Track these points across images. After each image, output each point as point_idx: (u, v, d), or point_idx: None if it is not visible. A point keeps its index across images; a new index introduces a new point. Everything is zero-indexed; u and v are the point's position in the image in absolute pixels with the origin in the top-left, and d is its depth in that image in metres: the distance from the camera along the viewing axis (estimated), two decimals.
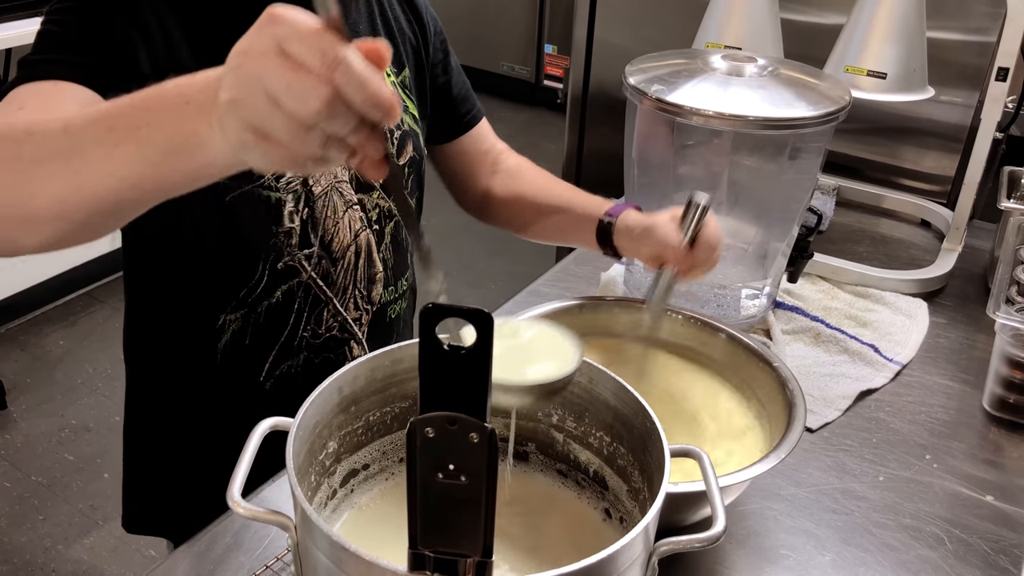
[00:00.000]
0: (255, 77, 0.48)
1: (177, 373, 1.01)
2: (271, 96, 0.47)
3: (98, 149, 0.58)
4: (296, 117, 0.47)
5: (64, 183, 0.60)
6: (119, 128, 0.57)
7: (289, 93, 0.47)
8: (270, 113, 0.48)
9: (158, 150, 0.56)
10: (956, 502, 0.95)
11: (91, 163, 0.58)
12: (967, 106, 1.58)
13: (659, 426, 0.66)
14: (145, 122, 0.56)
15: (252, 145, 0.50)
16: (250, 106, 0.48)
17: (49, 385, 2.67)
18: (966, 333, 1.26)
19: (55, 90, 0.74)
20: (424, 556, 0.51)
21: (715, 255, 0.92)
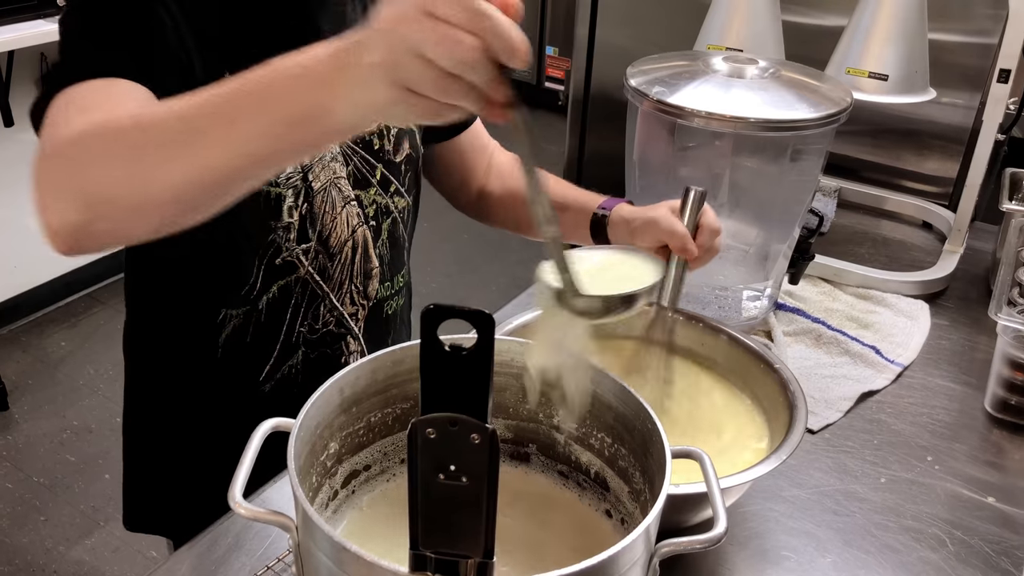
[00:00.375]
0: (407, 36, 0.52)
1: (178, 372, 1.01)
2: (423, 52, 0.52)
3: (219, 129, 0.61)
4: (446, 68, 0.52)
5: (181, 166, 0.62)
6: (241, 107, 0.60)
7: (441, 47, 0.51)
8: (422, 69, 0.52)
9: (282, 122, 0.59)
10: (958, 504, 0.95)
11: (211, 144, 0.61)
12: (969, 108, 1.58)
13: (660, 427, 0.66)
14: (269, 96, 0.59)
15: (401, 100, 0.54)
16: (403, 64, 0.52)
17: (51, 386, 2.68)
18: (968, 335, 1.26)
19: (111, 87, 0.74)
20: (425, 557, 0.51)
21: (718, 241, 0.93)
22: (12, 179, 2.83)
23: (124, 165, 0.65)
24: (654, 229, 0.92)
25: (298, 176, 0.92)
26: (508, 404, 0.79)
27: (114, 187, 0.65)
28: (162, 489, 1.08)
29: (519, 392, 0.78)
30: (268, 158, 0.62)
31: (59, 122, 0.72)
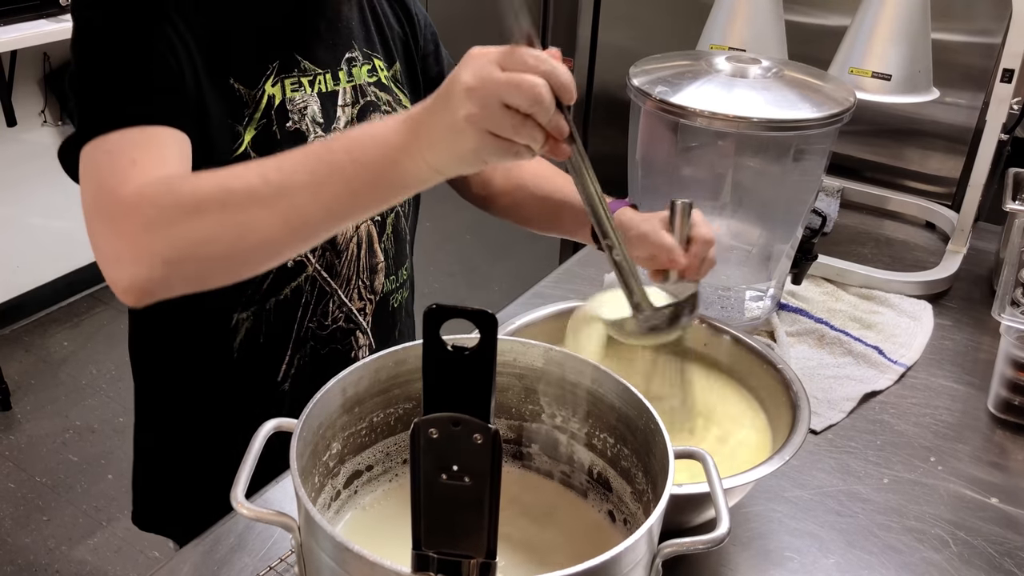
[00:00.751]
0: (491, 92, 0.63)
1: (190, 375, 1.01)
2: (505, 102, 0.62)
3: (303, 194, 0.69)
4: (522, 110, 0.63)
5: (272, 224, 0.70)
6: (322, 175, 0.69)
7: (519, 93, 0.62)
8: (504, 114, 0.63)
9: (364, 187, 0.69)
10: (961, 504, 0.95)
11: (298, 206, 0.70)
12: (972, 108, 1.58)
13: (663, 428, 0.66)
14: (349, 161, 0.69)
15: (486, 144, 0.64)
16: (489, 115, 0.63)
17: (54, 386, 2.68)
18: (971, 335, 1.26)
19: (149, 137, 0.77)
20: (428, 557, 0.51)
21: (712, 252, 0.93)
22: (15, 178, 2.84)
23: (212, 227, 0.70)
24: (644, 242, 0.93)
25: None
26: (510, 404, 0.79)
27: (203, 248, 0.71)
28: (172, 489, 1.08)
29: (521, 392, 0.78)
30: (350, 214, 0.71)
31: (112, 176, 0.74)
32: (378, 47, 1.02)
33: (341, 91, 0.96)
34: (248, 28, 0.88)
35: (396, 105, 1.02)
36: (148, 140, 0.77)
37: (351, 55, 0.97)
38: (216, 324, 0.95)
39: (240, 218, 0.70)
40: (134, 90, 0.79)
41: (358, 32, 1.00)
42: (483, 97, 0.63)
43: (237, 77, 0.87)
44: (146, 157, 0.76)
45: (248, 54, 0.88)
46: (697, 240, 0.91)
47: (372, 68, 1.00)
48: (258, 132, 0.88)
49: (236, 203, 0.70)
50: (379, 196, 0.70)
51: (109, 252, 0.73)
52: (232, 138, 0.86)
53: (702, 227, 0.92)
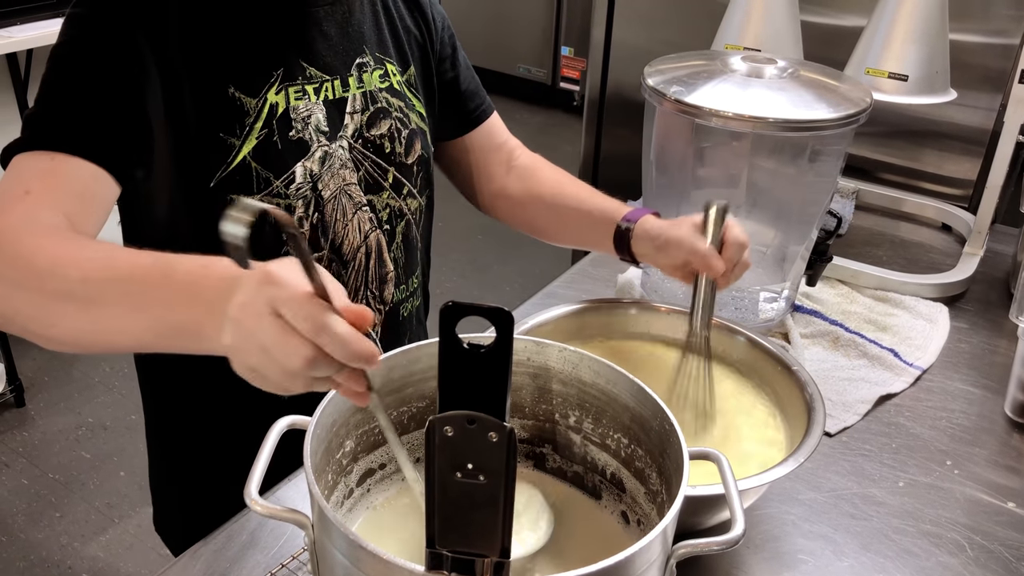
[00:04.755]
0: (251, 332, 0.56)
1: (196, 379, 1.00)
2: (266, 349, 0.56)
3: (114, 308, 0.66)
4: (285, 367, 0.56)
5: (80, 324, 0.67)
6: (133, 296, 0.65)
7: (278, 350, 0.55)
8: (264, 361, 0.56)
9: (168, 328, 0.64)
10: (977, 509, 0.94)
11: (105, 319, 0.66)
12: (990, 109, 1.57)
13: (678, 428, 0.65)
14: (158, 302, 0.63)
15: (250, 378, 0.58)
16: (247, 353, 0.57)
17: (67, 383, 2.69)
18: (988, 338, 1.25)
19: (57, 169, 0.76)
20: (441, 555, 0.51)
21: (746, 255, 0.91)
22: None
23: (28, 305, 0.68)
24: (677, 249, 0.91)
25: (307, 186, 0.91)
26: (524, 404, 0.79)
27: (20, 319, 0.69)
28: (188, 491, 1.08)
29: (535, 392, 0.78)
30: (152, 347, 0.66)
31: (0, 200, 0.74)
32: (391, 51, 1.01)
33: (350, 98, 0.94)
34: (249, 35, 0.87)
35: (408, 111, 1.01)
36: (54, 172, 0.76)
37: (362, 60, 0.96)
38: None
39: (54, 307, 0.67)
40: (68, 117, 0.78)
41: (370, 36, 0.98)
42: (238, 332, 0.57)
43: (238, 86, 0.85)
44: (42, 189, 0.75)
45: (249, 62, 0.87)
46: (730, 244, 0.89)
47: (384, 73, 0.98)
48: (259, 142, 0.87)
49: (53, 292, 0.67)
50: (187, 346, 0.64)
51: None
52: (224, 151, 0.85)
53: (735, 229, 0.90)
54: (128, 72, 0.80)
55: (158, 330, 0.64)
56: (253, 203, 0.50)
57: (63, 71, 0.80)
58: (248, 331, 0.57)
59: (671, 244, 0.92)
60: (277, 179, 0.89)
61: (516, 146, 1.17)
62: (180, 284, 0.63)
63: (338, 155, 0.93)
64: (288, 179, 0.89)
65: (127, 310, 0.65)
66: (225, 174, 0.86)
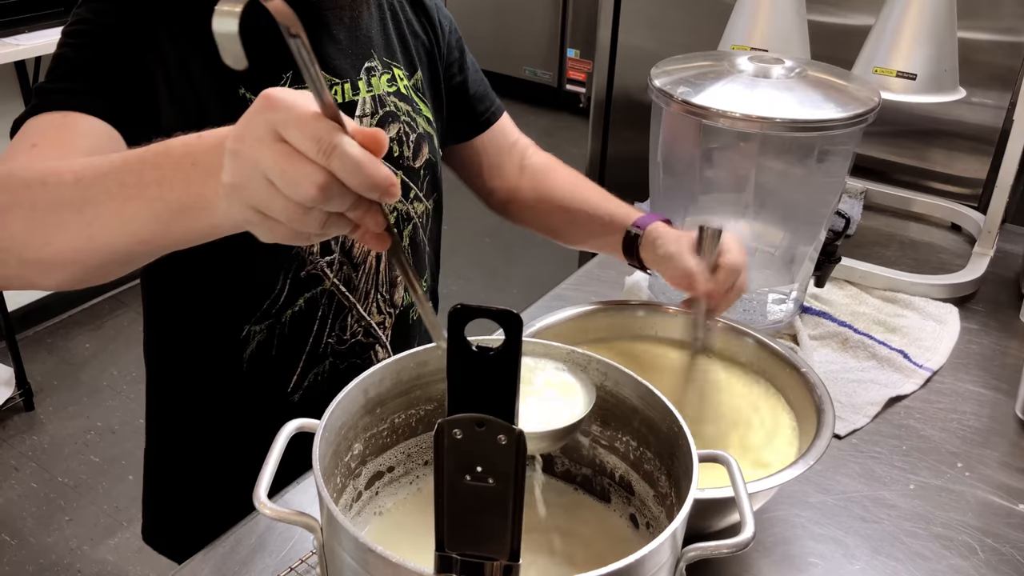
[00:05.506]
0: (253, 163, 0.50)
1: (201, 384, 1.00)
2: (271, 181, 0.49)
3: (109, 203, 0.60)
4: (293, 201, 0.49)
5: (77, 233, 0.62)
6: (129, 184, 0.59)
7: (285, 179, 0.49)
8: (270, 196, 0.50)
9: (167, 209, 0.58)
10: (988, 511, 0.94)
11: (102, 216, 0.60)
12: (999, 108, 1.56)
13: (687, 431, 0.65)
14: (155, 181, 0.58)
15: (255, 223, 0.52)
16: (250, 190, 0.50)
17: (75, 387, 2.70)
18: (998, 339, 1.24)
19: (68, 123, 0.74)
20: (451, 559, 0.51)
21: (741, 280, 0.91)
22: None
23: (22, 222, 0.64)
24: (668, 264, 0.92)
25: None
26: None
27: (14, 245, 0.64)
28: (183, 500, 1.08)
29: None
30: (155, 241, 0.61)
31: (8, 151, 0.73)
32: (399, 56, 1.01)
33: (359, 101, 0.95)
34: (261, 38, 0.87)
35: (416, 115, 1.01)
36: (61, 125, 0.74)
37: (370, 64, 0.96)
38: (228, 337, 0.94)
39: (48, 219, 0.62)
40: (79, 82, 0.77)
41: (378, 41, 0.98)
42: (240, 165, 0.51)
43: (248, 87, 0.86)
44: (50, 142, 0.72)
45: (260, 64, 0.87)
46: (724, 267, 0.89)
47: (392, 78, 0.99)
48: None
49: (48, 202, 0.62)
50: (187, 228, 0.59)
51: None
52: None
53: (732, 254, 0.90)
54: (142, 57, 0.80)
55: (159, 215, 0.58)
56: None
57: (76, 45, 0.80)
58: (249, 161, 0.50)
59: (664, 260, 0.93)
60: None
61: (528, 145, 1.17)
62: (176, 158, 0.57)
63: None
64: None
65: (124, 201, 0.59)
66: None
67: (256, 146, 0.49)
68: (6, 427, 2.53)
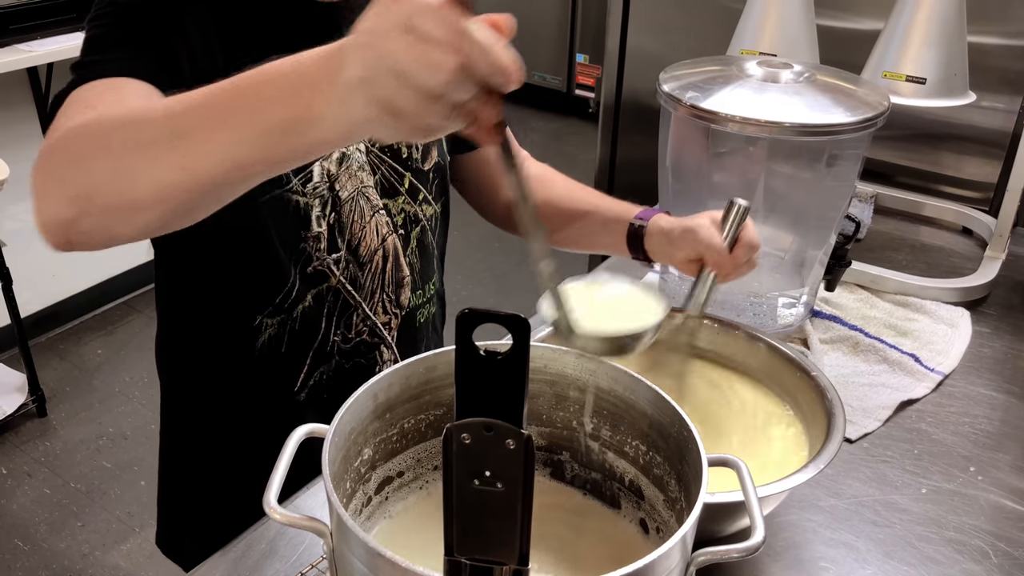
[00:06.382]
0: (384, 54, 0.49)
1: (213, 382, 1.01)
2: (401, 71, 0.49)
3: (204, 132, 0.59)
4: (425, 89, 0.49)
5: (168, 167, 0.60)
6: (227, 109, 0.58)
7: (419, 66, 0.48)
8: (399, 88, 0.49)
9: (269, 130, 0.57)
10: (1001, 515, 0.93)
11: (197, 146, 0.59)
12: (1009, 111, 1.55)
13: (696, 435, 0.65)
14: (256, 102, 0.57)
15: (378, 119, 0.51)
16: (380, 83, 0.50)
17: (87, 393, 2.72)
18: (1011, 343, 1.23)
19: (117, 86, 0.74)
20: (460, 563, 0.51)
21: (755, 256, 0.92)
22: None
23: (110, 163, 0.63)
24: (692, 240, 0.92)
25: (324, 186, 0.92)
26: (541, 411, 0.78)
27: (99, 185, 0.63)
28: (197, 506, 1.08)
29: (552, 399, 0.77)
30: (254, 166, 0.59)
31: (63, 118, 0.72)
32: None
33: None
34: (271, 37, 0.88)
35: None
36: (117, 88, 0.75)
37: None
38: (240, 329, 0.95)
39: (136, 157, 0.62)
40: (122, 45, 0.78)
41: None
42: (369, 60, 0.50)
43: None
44: (102, 101, 0.72)
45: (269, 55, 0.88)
46: (743, 243, 0.91)
47: None
48: None
49: (136, 141, 0.62)
50: (290, 147, 0.57)
51: (34, 189, 0.67)
52: None
53: (750, 231, 0.92)
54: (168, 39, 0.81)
55: (259, 137, 0.57)
56: None
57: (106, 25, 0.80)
58: (378, 54, 0.50)
59: (685, 235, 0.93)
60: (295, 176, 0.90)
61: (526, 156, 1.18)
62: (276, 77, 0.56)
63: (355, 157, 0.94)
64: (305, 177, 0.90)
65: (221, 129, 0.58)
66: None
67: (387, 38, 0.49)
68: (19, 433, 2.54)
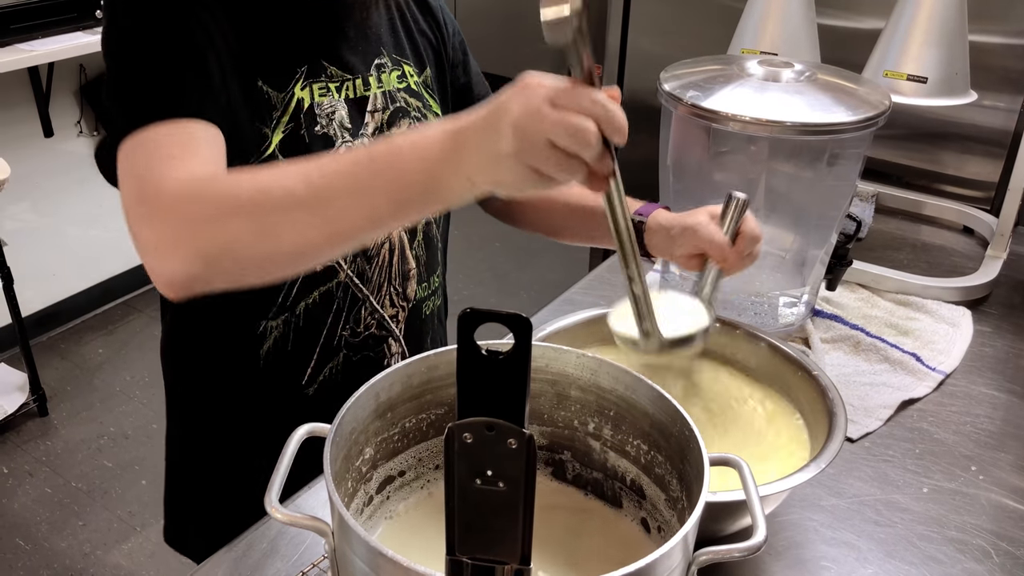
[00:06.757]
0: (539, 129, 0.61)
1: (219, 382, 1.01)
2: (551, 141, 0.61)
3: (346, 199, 0.69)
4: (569, 152, 0.61)
5: (315, 229, 0.70)
6: (367, 186, 0.68)
7: (569, 136, 0.60)
8: (549, 153, 0.61)
9: (403, 196, 0.68)
10: (1003, 515, 0.93)
11: (339, 211, 0.69)
12: (1011, 110, 1.55)
13: (698, 434, 0.65)
14: (390, 178, 0.68)
15: (528, 177, 0.63)
16: (534, 152, 0.61)
17: (88, 393, 2.72)
18: (1012, 342, 1.23)
19: (184, 132, 0.77)
20: (462, 563, 0.51)
21: (757, 248, 0.92)
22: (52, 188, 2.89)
23: (250, 227, 0.70)
24: (693, 236, 0.92)
25: None
26: (543, 411, 0.78)
27: (239, 247, 0.71)
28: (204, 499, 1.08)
29: (554, 399, 0.77)
30: (390, 222, 0.70)
31: (152, 170, 0.74)
32: (408, 53, 1.02)
33: (371, 97, 0.96)
34: (277, 32, 0.89)
35: (426, 111, 1.02)
36: (182, 134, 0.77)
37: (380, 61, 0.98)
38: (244, 331, 0.95)
39: (279, 220, 0.70)
40: (167, 85, 0.79)
41: (387, 39, 1.00)
42: (530, 136, 0.61)
43: (265, 80, 0.87)
44: (183, 152, 0.76)
45: (277, 57, 0.89)
46: (744, 236, 0.91)
47: (402, 74, 1.00)
48: (286, 135, 0.88)
49: (275, 206, 0.69)
50: (418, 207, 0.69)
51: (151, 244, 0.73)
52: (259, 140, 0.87)
53: (750, 222, 0.92)
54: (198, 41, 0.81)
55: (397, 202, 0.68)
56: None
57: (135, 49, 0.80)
58: (535, 129, 0.61)
59: (686, 232, 0.93)
60: None
61: None
62: (406, 154, 0.67)
63: None
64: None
65: (363, 197, 0.68)
66: (259, 162, 0.87)
67: (541, 118, 0.61)
68: (20, 433, 2.54)
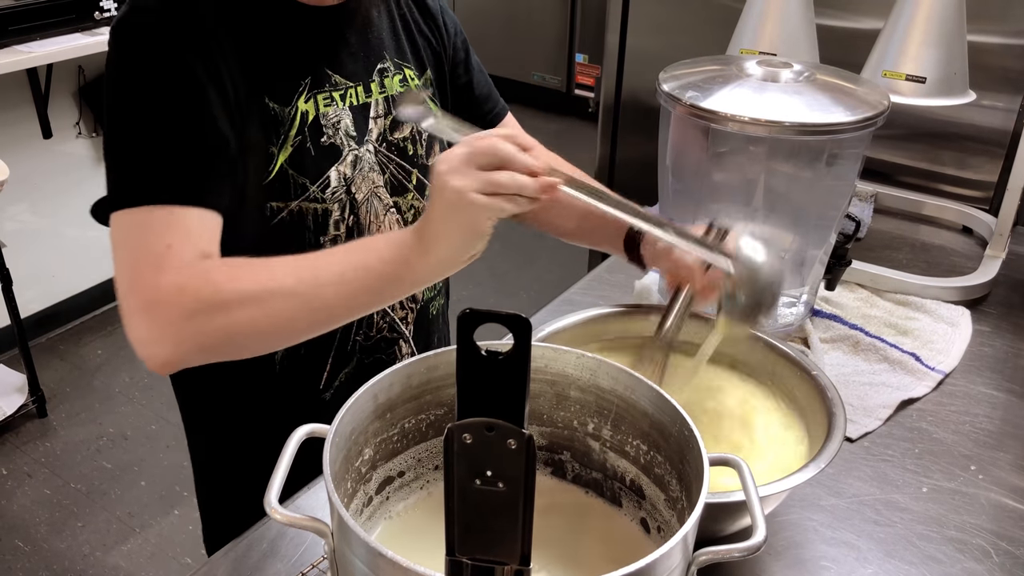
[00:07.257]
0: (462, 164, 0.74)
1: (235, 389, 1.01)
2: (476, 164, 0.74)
3: (333, 297, 0.79)
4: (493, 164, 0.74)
5: (306, 321, 0.80)
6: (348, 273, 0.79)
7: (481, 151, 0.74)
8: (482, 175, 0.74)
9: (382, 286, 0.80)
10: (1003, 514, 0.93)
11: (327, 303, 0.79)
12: (1009, 110, 1.55)
13: (697, 434, 0.65)
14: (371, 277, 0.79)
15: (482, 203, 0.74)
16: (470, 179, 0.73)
17: (88, 394, 2.72)
18: (1011, 342, 1.23)
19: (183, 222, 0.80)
20: (461, 563, 0.51)
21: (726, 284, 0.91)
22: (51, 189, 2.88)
23: (247, 321, 0.77)
24: (666, 257, 0.92)
25: (342, 189, 0.93)
26: (542, 411, 0.78)
27: (239, 338, 0.79)
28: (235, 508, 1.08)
29: (553, 399, 0.77)
30: (369, 307, 0.83)
31: (147, 259, 0.79)
32: (409, 56, 1.02)
33: (373, 103, 0.96)
34: (279, 46, 0.89)
35: None
36: (179, 223, 0.79)
37: (383, 66, 0.98)
38: None
39: (272, 311, 0.78)
40: (166, 167, 0.80)
41: (389, 42, 1.00)
42: (458, 170, 0.73)
43: (271, 96, 0.87)
44: (178, 241, 0.79)
45: (280, 72, 0.89)
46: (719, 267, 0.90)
47: (404, 78, 1.00)
48: (294, 149, 0.89)
49: (271, 300, 0.77)
50: (394, 292, 0.81)
51: (145, 335, 0.78)
52: (267, 160, 0.87)
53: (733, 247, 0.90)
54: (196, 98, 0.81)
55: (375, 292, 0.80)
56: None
57: (134, 118, 0.81)
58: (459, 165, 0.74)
59: (663, 252, 0.94)
60: (313, 184, 0.90)
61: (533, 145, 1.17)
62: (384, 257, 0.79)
63: (366, 159, 0.95)
64: (324, 183, 0.91)
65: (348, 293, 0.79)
66: (266, 182, 0.87)
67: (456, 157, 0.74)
68: (19, 434, 2.54)
